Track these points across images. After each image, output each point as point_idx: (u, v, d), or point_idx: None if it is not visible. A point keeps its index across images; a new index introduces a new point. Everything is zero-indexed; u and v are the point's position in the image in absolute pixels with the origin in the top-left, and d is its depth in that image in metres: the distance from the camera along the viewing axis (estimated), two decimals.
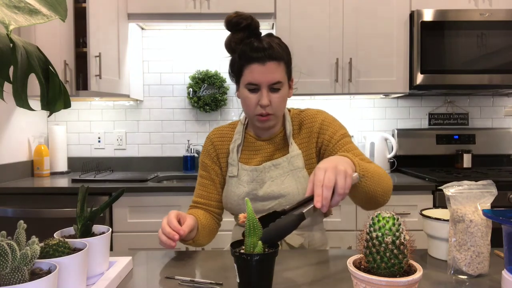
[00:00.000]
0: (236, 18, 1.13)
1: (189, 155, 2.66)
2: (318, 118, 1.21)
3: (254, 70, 1.10)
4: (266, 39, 1.13)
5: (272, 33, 1.19)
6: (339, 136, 1.16)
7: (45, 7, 0.63)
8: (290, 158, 1.18)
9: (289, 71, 1.18)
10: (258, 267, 0.75)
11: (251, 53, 1.10)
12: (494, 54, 2.29)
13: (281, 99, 1.14)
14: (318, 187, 0.83)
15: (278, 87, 1.13)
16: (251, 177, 1.20)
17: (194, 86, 2.69)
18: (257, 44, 1.10)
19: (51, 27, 2.26)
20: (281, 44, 1.15)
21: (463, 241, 0.85)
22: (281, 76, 1.12)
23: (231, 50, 1.17)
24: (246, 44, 1.12)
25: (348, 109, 2.76)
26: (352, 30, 2.36)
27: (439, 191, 2.07)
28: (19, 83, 0.61)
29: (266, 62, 1.09)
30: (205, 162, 1.29)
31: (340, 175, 0.84)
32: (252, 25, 1.13)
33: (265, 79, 1.10)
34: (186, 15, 2.37)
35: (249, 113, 1.18)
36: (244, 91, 1.15)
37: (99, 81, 2.21)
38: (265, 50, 1.09)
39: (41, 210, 2.07)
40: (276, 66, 1.11)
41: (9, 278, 0.59)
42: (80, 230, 0.83)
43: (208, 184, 1.27)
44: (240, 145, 1.24)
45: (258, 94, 1.12)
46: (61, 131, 2.64)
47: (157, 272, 0.94)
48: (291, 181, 1.17)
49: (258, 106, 1.13)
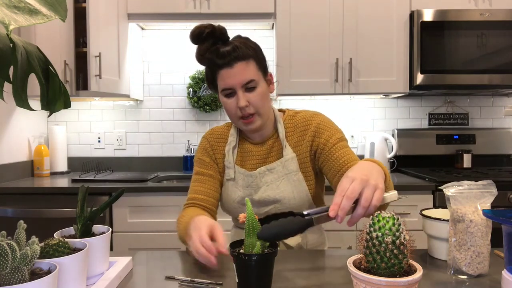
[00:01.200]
0: (197, 29, 1.11)
1: (189, 155, 2.67)
2: (314, 121, 1.19)
3: (224, 75, 1.10)
4: (231, 42, 1.12)
5: (240, 35, 1.19)
6: (335, 139, 1.15)
7: (45, 7, 0.63)
8: (285, 162, 1.17)
9: (262, 67, 1.16)
10: (257, 267, 0.75)
11: (218, 59, 1.10)
12: (494, 54, 2.29)
13: (260, 97, 1.12)
14: (338, 196, 0.79)
15: (253, 85, 1.11)
16: (247, 182, 1.19)
17: (194, 86, 2.69)
18: (222, 49, 1.10)
19: (51, 27, 2.26)
20: (247, 43, 1.14)
21: (463, 241, 0.85)
22: (252, 74, 1.11)
23: (201, 62, 1.16)
24: (211, 52, 1.12)
25: (348, 109, 2.76)
26: (352, 30, 2.36)
27: (439, 191, 2.07)
28: (19, 83, 0.61)
29: (233, 64, 1.09)
30: (202, 159, 1.25)
31: (369, 188, 0.79)
32: (216, 31, 1.11)
33: (236, 81, 1.09)
34: (186, 15, 2.37)
35: (232, 118, 1.17)
36: (222, 98, 1.15)
37: (99, 81, 2.21)
38: (229, 53, 1.09)
39: (41, 210, 2.07)
40: (245, 65, 1.10)
41: (9, 278, 0.59)
42: (80, 230, 0.83)
43: (206, 180, 1.23)
44: (235, 147, 1.23)
45: (235, 97, 1.12)
46: (61, 131, 2.64)
47: (157, 272, 0.94)
48: (286, 185, 1.16)
49: (238, 109, 1.12)
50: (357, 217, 0.80)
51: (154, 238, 2.13)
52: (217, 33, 1.11)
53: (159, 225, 2.13)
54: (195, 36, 1.12)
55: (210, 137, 1.28)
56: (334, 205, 0.78)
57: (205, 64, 1.16)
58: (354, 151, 2.67)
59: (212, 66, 1.12)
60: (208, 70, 1.16)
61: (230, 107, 1.14)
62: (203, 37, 1.11)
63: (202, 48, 1.13)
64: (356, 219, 0.81)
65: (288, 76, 2.35)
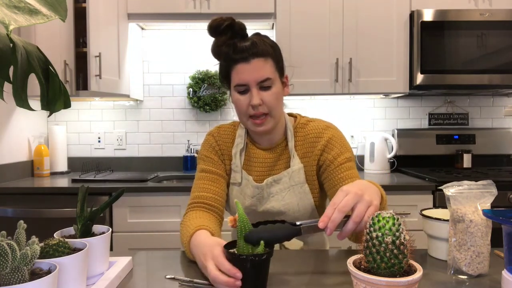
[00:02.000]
0: (216, 21, 1.07)
1: (189, 155, 2.67)
2: (326, 134, 1.14)
3: (240, 70, 1.06)
4: (250, 38, 1.09)
5: (259, 32, 1.14)
6: (343, 159, 1.10)
7: (45, 7, 0.63)
8: (292, 173, 1.13)
9: (280, 68, 1.12)
10: (252, 268, 0.74)
11: (235, 54, 1.05)
12: (494, 54, 2.29)
13: (274, 97, 1.08)
14: (330, 208, 0.78)
15: (269, 84, 1.07)
16: (253, 193, 1.15)
17: (194, 86, 2.69)
18: (240, 43, 1.06)
19: (51, 27, 2.26)
20: (266, 41, 1.10)
21: (463, 241, 0.85)
22: (269, 72, 1.06)
23: (217, 55, 1.11)
24: (228, 46, 1.07)
25: (348, 109, 2.76)
26: (352, 30, 2.36)
27: (439, 191, 2.07)
28: (19, 83, 0.61)
29: (250, 59, 1.04)
30: (210, 156, 1.19)
31: (362, 203, 0.78)
32: (235, 26, 1.07)
33: (252, 77, 1.05)
34: (186, 15, 2.37)
35: (242, 117, 1.12)
36: (234, 94, 1.10)
37: (99, 81, 2.21)
38: (248, 48, 1.04)
39: (41, 210, 2.07)
40: (263, 62, 1.05)
41: (9, 278, 0.59)
42: (80, 230, 0.83)
43: (215, 178, 1.15)
44: (242, 150, 1.18)
45: (249, 94, 1.07)
46: (61, 131, 2.64)
47: (157, 272, 0.93)
48: (292, 197, 1.13)
49: (249, 107, 1.07)
50: (347, 232, 0.79)
51: (154, 238, 2.13)
52: (236, 27, 1.07)
53: (159, 225, 2.13)
54: (213, 27, 1.07)
55: (217, 135, 1.22)
56: (325, 217, 0.77)
57: (221, 58, 1.10)
58: (354, 151, 2.68)
59: (228, 60, 1.08)
60: (223, 64, 1.11)
61: (242, 104, 1.08)
62: (221, 29, 1.07)
63: (220, 40, 1.08)
64: (346, 233, 0.79)
65: (288, 76, 2.35)
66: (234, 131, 1.22)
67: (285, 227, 0.80)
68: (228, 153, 1.20)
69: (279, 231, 0.79)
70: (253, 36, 1.10)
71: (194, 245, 0.92)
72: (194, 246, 0.92)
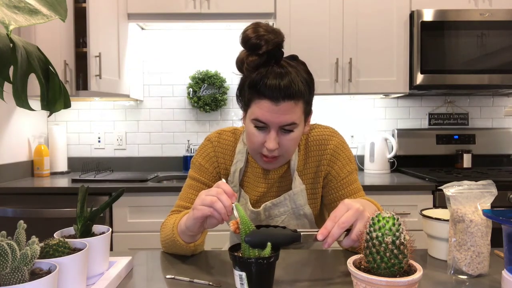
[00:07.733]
0: (255, 39, 0.91)
1: (189, 155, 2.66)
2: (330, 145, 1.08)
3: (264, 107, 0.92)
4: (287, 71, 0.93)
5: (296, 56, 1.03)
6: (346, 172, 1.07)
7: (45, 7, 0.63)
8: (293, 196, 1.08)
9: (308, 110, 1.00)
10: (257, 271, 0.74)
11: (264, 89, 0.91)
12: (494, 54, 2.29)
13: (293, 142, 0.98)
14: (330, 221, 0.77)
15: (291, 128, 0.95)
16: (249, 216, 1.09)
17: (194, 86, 2.69)
18: (273, 80, 0.90)
19: (51, 27, 2.26)
20: (303, 75, 0.98)
21: (463, 241, 0.85)
22: (296, 117, 0.94)
23: (241, 71, 0.98)
24: (260, 74, 0.92)
25: (348, 109, 2.76)
26: (352, 30, 2.36)
27: (439, 191, 2.07)
28: (19, 83, 0.61)
29: (280, 102, 0.91)
30: (204, 165, 1.12)
31: (363, 221, 0.77)
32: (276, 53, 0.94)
33: (276, 120, 0.92)
34: (186, 15, 2.37)
35: (252, 151, 1.02)
36: (250, 125, 0.98)
37: (99, 81, 2.21)
38: (281, 89, 0.90)
39: (41, 210, 2.07)
40: (293, 106, 0.93)
41: (9, 278, 0.59)
42: (80, 230, 0.83)
43: (201, 188, 1.10)
44: (242, 168, 1.11)
45: (265, 133, 0.96)
46: (61, 131, 2.64)
47: (157, 272, 0.94)
48: (292, 219, 1.10)
49: (263, 147, 0.97)
50: (344, 247, 0.80)
51: (154, 238, 2.13)
52: (275, 52, 0.94)
53: (159, 225, 2.12)
54: (250, 45, 0.93)
55: (217, 144, 1.13)
56: (324, 229, 0.77)
57: (246, 81, 0.97)
58: (354, 151, 2.68)
59: (254, 89, 0.93)
60: (246, 86, 0.97)
61: (255, 141, 0.97)
62: (257, 52, 0.93)
63: (251, 60, 0.94)
64: (344, 247, 0.80)
65: None
66: (235, 142, 1.14)
67: (285, 232, 0.80)
68: (225, 166, 1.13)
69: (279, 236, 0.79)
70: (290, 63, 0.98)
71: (183, 220, 0.93)
72: (183, 221, 0.93)
